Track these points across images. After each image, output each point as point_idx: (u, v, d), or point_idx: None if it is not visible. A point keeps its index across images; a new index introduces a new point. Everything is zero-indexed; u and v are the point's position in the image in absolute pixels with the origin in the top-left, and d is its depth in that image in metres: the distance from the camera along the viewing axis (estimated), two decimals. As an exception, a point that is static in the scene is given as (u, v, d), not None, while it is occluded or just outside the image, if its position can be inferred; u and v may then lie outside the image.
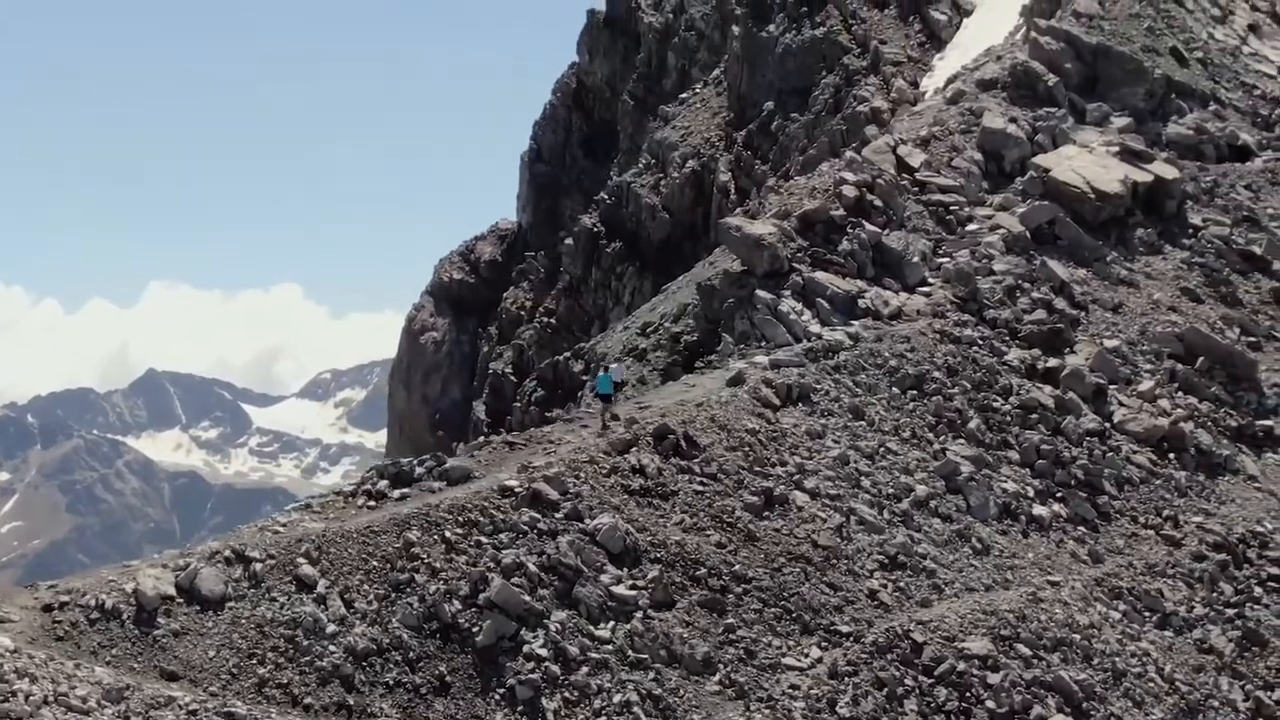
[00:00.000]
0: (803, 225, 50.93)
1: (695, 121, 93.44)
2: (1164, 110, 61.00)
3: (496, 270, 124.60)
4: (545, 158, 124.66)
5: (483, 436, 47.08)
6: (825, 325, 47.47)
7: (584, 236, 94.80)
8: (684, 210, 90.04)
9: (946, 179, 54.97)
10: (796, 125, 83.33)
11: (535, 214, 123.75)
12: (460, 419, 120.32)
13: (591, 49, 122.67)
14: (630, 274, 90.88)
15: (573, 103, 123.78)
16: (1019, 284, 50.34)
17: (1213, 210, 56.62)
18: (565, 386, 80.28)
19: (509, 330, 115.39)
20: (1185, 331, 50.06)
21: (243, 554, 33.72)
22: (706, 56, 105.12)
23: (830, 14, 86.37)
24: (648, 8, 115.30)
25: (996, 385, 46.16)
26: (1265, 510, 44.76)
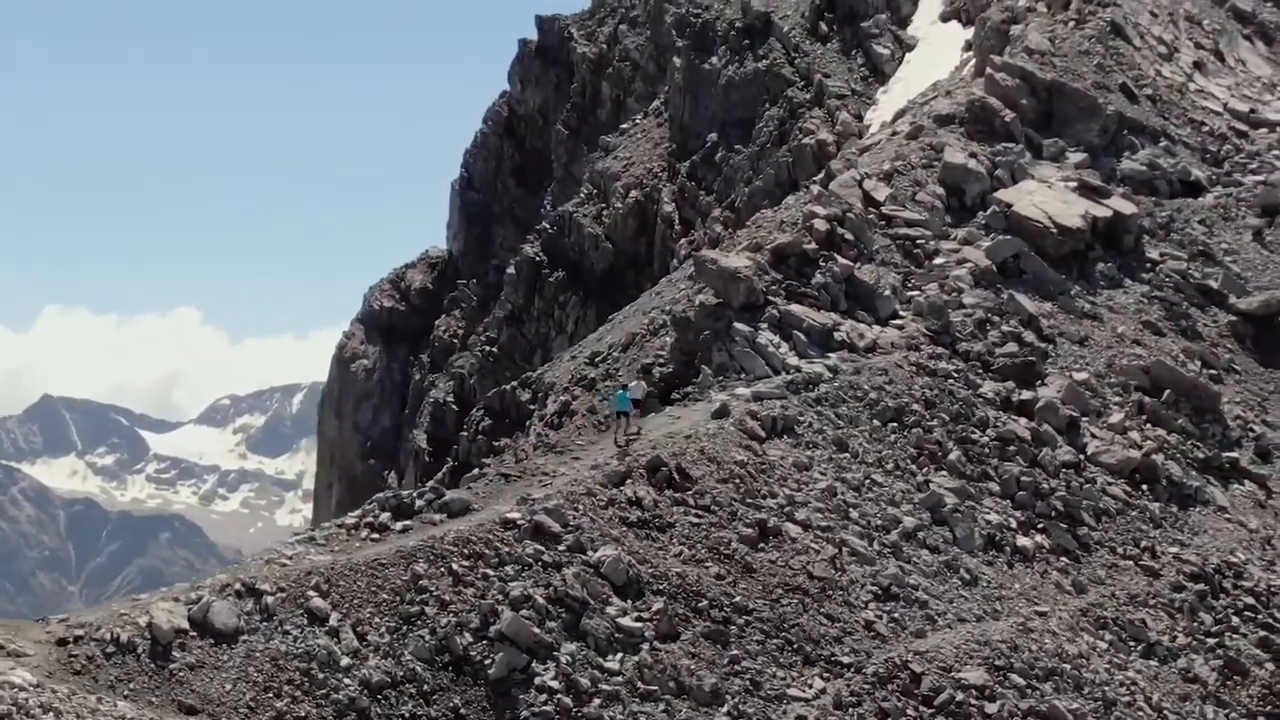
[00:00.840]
0: (776, 258, 51.41)
1: (637, 152, 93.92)
2: (1117, 146, 62.03)
3: (427, 298, 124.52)
4: (476, 186, 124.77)
5: (472, 467, 46.96)
6: (803, 358, 47.95)
7: (526, 266, 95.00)
8: (627, 240, 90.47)
9: (912, 213, 55.68)
10: (741, 156, 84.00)
11: (466, 242, 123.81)
12: (392, 447, 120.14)
13: (523, 78, 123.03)
14: (573, 303, 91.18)
15: (504, 131, 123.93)
16: (989, 317, 51.07)
17: (1169, 245, 57.68)
18: (512, 416, 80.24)
19: (442, 358, 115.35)
20: (1151, 365, 50.98)
21: (253, 587, 33.74)
22: (642, 87, 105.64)
23: (772, 47, 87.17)
24: (580, 38, 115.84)
25: (973, 418, 46.80)
26: (1237, 541, 45.67)
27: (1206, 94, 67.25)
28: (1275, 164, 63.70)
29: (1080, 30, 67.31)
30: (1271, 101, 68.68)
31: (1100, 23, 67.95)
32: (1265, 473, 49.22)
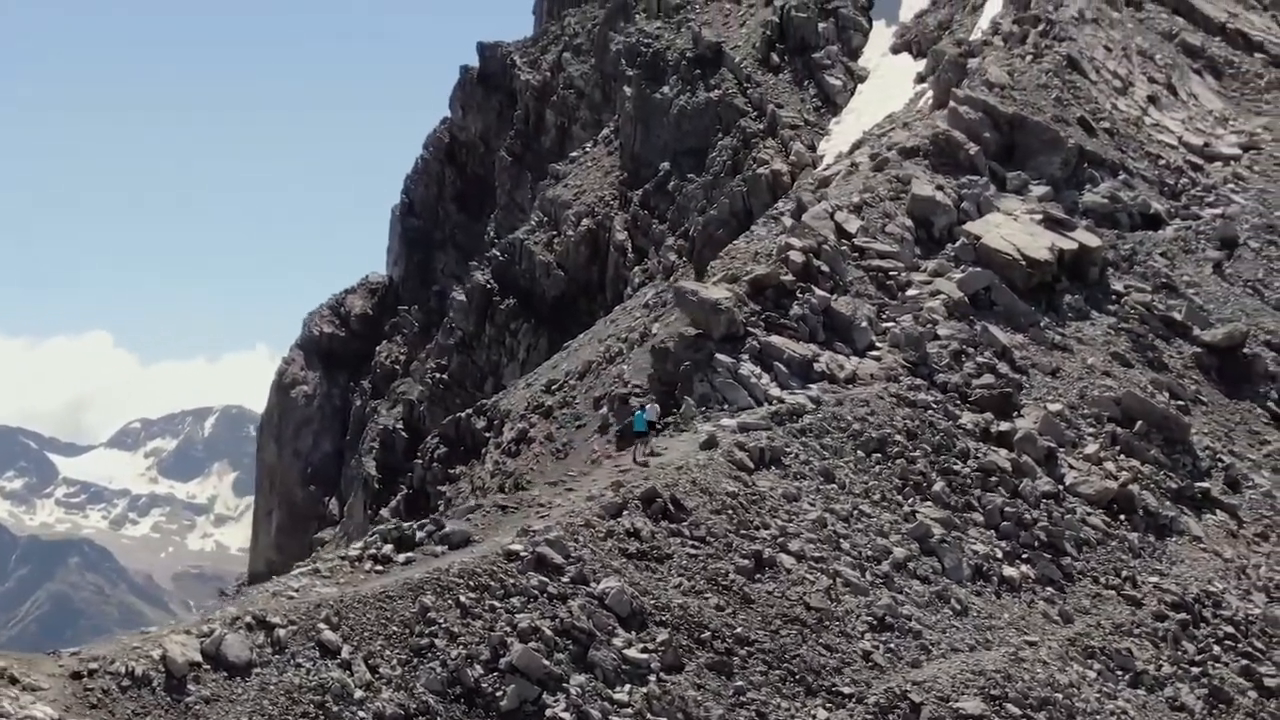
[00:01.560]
0: (754, 290, 51.80)
1: (587, 180, 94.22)
2: (1078, 179, 62.89)
3: (367, 324, 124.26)
4: (417, 211, 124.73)
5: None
6: (784, 389, 48.36)
7: (476, 293, 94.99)
8: (579, 267, 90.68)
9: (883, 245, 56.27)
10: (694, 186, 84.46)
11: (407, 267, 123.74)
12: (333, 473, 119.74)
13: (465, 104, 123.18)
14: (525, 330, 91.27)
15: (445, 157, 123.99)
16: (964, 349, 51.68)
17: (1133, 277, 58.54)
18: (468, 443, 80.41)
19: (384, 384, 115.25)
20: (1122, 396, 51.75)
21: (264, 620, 33.72)
22: (588, 115, 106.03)
23: (724, 77, 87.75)
24: (524, 65, 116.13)
25: (954, 448, 47.34)
26: (1214, 570, 46.44)
27: (1161, 128, 68.34)
28: (1231, 197, 64.82)
29: (1038, 64, 68.18)
30: (1224, 135, 69.84)
31: (1057, 57, 68.86)
32: (1235, 503, 50.06)
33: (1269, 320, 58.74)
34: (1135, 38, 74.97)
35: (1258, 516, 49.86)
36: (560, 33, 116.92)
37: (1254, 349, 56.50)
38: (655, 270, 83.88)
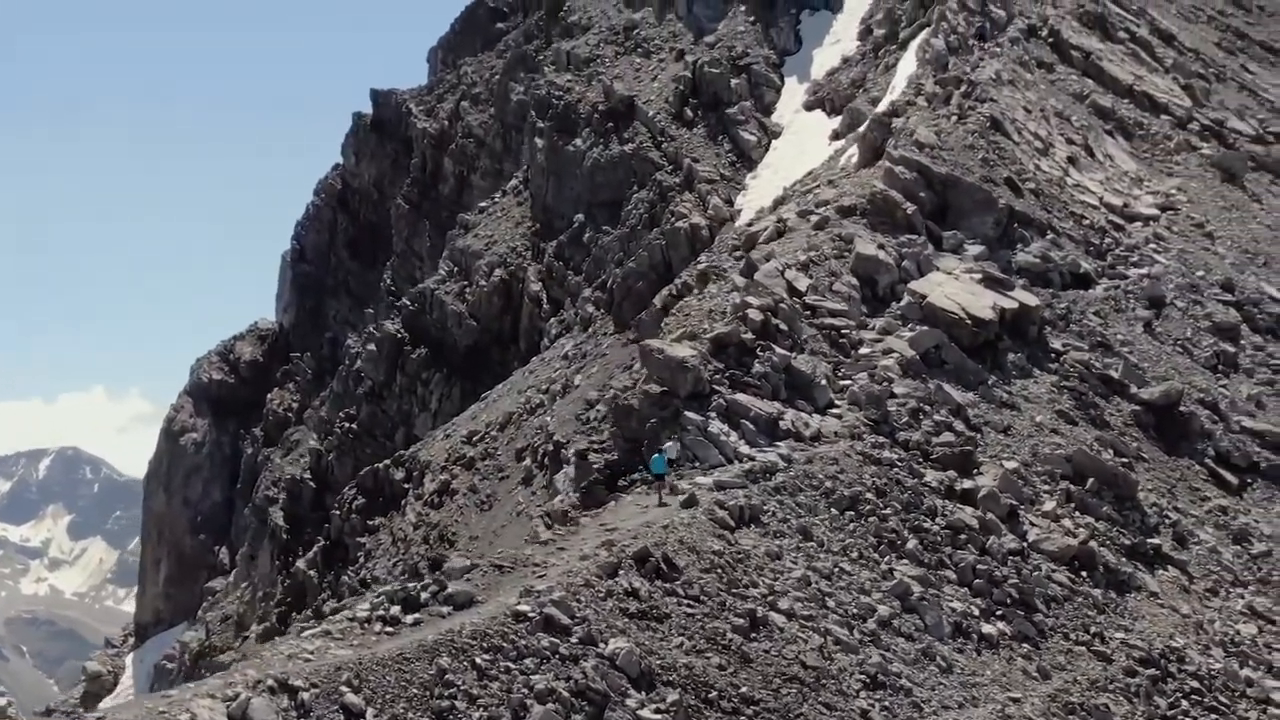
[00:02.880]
0: (715, 348, 52.38)
1: (498, 230, 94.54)
2: (1009, 238, 64.16)
3: (257, 370, 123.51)
4: (309, 258, 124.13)
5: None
6: (753, 446, 48.91)
7: (387, 342, 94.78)
8: (492, 318, 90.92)
9: (833, 303, 57.10)
10: (611, 238, 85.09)
11: (298, 314, 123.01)
12: (223, 521, 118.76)
13: (358, 151, 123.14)
14: (437, 380, 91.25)
15: (338, 204, 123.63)
16: (921, 407, 52.58)
17: (1069, 336, 59.88)
18: (386, 494, 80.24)
19: (276, 432, 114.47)
20: (1073, 454, 52.92)
21: (287, 683, 33.55)
22: (488, 164, 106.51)
23: (638, 130, 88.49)
24: (420, 113, 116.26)
25: (922, 506, 48.17)
26: (1173, 626, 47.59)
27: (1083, 188, 70.00)
28: (1154, 257, 66.55)
29: (963, 125, 69.48)
30: (1141, 196, 71.70)
31: (980, 118, 70.22)
32: (1185, 558, 51.30)
33: (1200, 379, 60.40)
34: (1049, 99, 76.71)
35: (1206, 572, 51.12)
36: (457, 81, 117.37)
37: (1189, 407, 57.95)
38: (572, 322, 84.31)
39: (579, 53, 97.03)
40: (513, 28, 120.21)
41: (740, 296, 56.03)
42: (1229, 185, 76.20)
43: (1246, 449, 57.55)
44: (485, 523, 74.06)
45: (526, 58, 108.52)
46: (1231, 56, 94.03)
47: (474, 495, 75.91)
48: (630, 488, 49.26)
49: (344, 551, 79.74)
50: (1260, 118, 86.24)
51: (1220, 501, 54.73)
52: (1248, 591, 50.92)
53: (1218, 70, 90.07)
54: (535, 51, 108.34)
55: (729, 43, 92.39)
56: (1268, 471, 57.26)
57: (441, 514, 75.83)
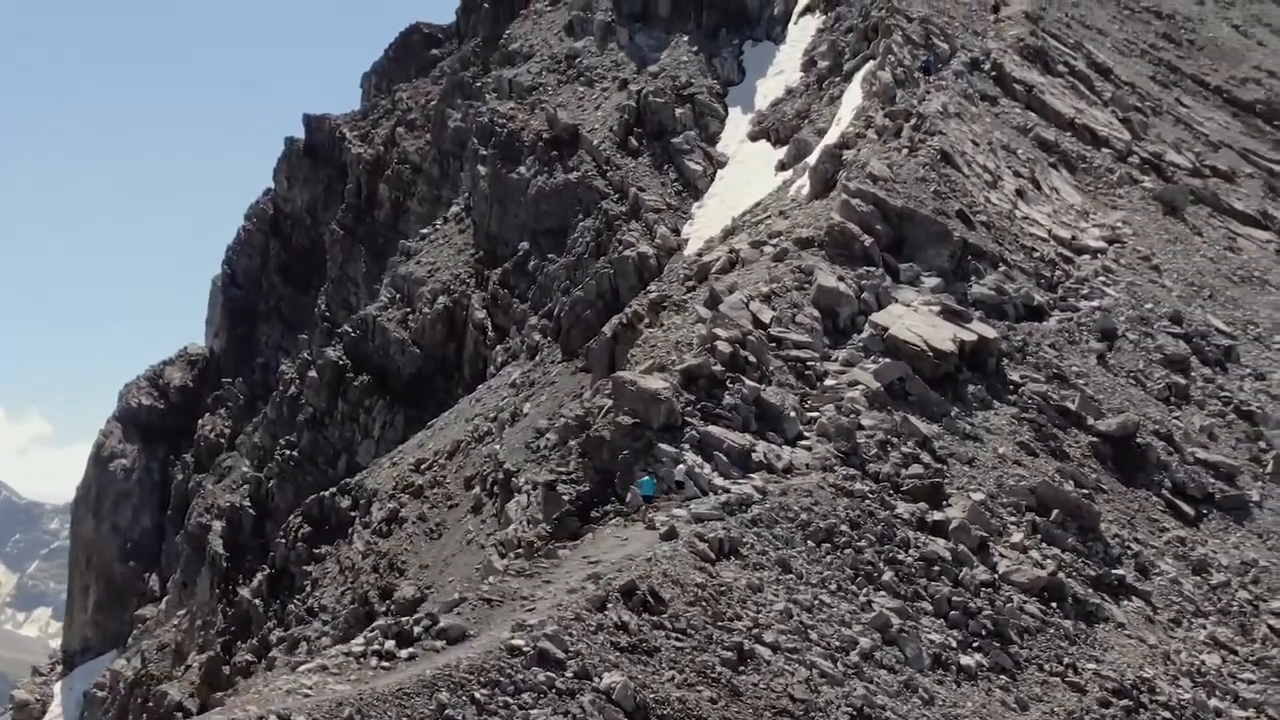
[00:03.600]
0: (686, 380, 52.63)
1: (440, 257, 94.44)
2: (963, 271, 64.84)
3: (187, 396, 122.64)
4: (240, 283, 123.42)
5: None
6: (726, 478, 49.16)
7: (329, 369, 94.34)
8: (435, 345, 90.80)
9: (797, 335, 57.52)
10: (556, 266, 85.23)
11: (229, 339, 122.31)
12: (153, 547, 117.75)
13: (290, 176, 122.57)
14: (379, 407, 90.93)
15: (269, 229, 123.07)
16: (888, 439, 53.03)
17: (1026, 368, 60.59)
18: (332, 522, 79.91)
19: (208, 458, 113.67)
20: (1037, 485, 53.56)
21: (288, 718, 33.44)
22: (425, 190, 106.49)
23: (583, 159, 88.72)
24: (355, 139, 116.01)
25: (896, 538, 48.57)
26: (1142, 657, 48.25)
27: (1031, 221, 70.87)
28: (1104, 290, 67.49)
29: (914, 158, 70.19)
30: (1088, 229, 72.68)
31: (931, 151, 70.97)
32: (1148, 589, 52.02)
33: (1154, 410, 61.31)
34: (995, 132, 77.63)
35: (1169, 603, 51.85)
36: (392, 107, 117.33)
37: (1145, 438, 58.80)
38: (519, 349, 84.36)
39: (521, 81, 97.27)
40: (448, 54, 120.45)
41: (707, 328, 56.25)
42: (1171, 218, 77.42)
43: (1201, 480, 58.47)
44: (435, 551, 73.93)
45: (464, 84, 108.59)
46: (1166, 90, 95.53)
47: (423, 524, 75.75)
48: (603, 519, 49.33)
49: (289, 580, 79.23)
50: (1196, 151, 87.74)
51: (1178, 532, 55.54)
52: (1209, 622, 51.69)
53: (1154, 104, 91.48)
54: (473, 78, 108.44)
55: (673, 72, 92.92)
56: (1222, 503, 58.19)
57: (390, 542, 75.59)
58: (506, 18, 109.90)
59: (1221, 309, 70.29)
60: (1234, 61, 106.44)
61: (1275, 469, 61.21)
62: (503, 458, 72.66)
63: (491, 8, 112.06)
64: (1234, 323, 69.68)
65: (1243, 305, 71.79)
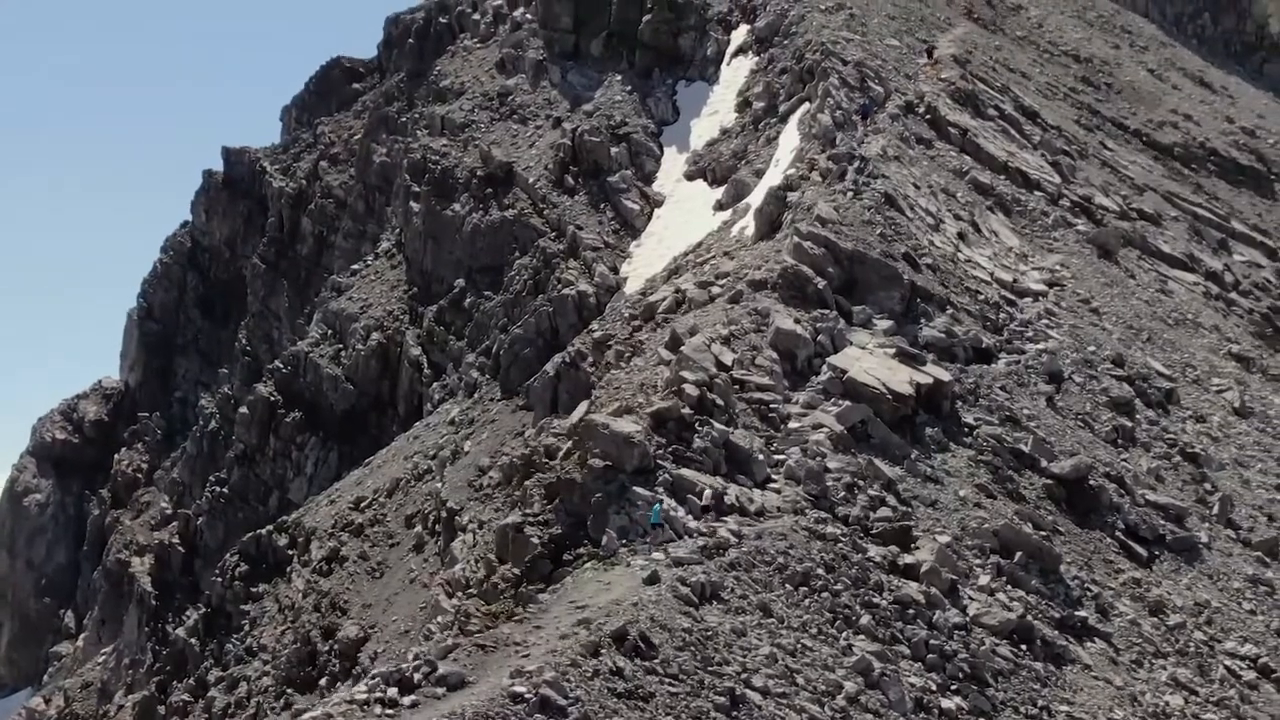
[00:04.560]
0: (655, 422, 52.82)
1: (372, 293, 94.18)
2: (913, 313, 65.48)
3: (102, 430, 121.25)
4: (157, 316, 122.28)
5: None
6: (699, 521, 49.39)
7: (260, 405, 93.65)
8: (369, 382, 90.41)
9: (759, 377, 57.89)
10: (494, 303, 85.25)
11: (145, 373, 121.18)
12: (69, 584, 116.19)
13: (209, 209, 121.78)
14: (312, 444, 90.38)
15: (187, 262, 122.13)
16: (855, 482, 53.46)
17: (980, 410, 61.29)
18: (270, 561, 79.40)
19: (125, 493, 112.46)
20: (1000, 528, 54.20)
21: (308, 770, 33.35)
22: (350, 225, 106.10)
23: (518, 196, 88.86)
24: (276, 172, 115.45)
25: (870, 581, 48.95)
26: (1110, 699, 48.95)
27: (974, 264, 71.76)
28: (1048, 333, 68.45)
29: (859, 200, 70.76)
30: (1028, 272, 73.71)
31: (875, 194, 71.59)
32: (1109, 631, 52.80)
33: (1103, 453, 62.28)
34: (932, 175, 78.53)
35: (1130, 644, 52.65)
36: (314, 141, 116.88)
37: (1097, 480, 59.70)
38: (456, 387, 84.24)
39: (453, 118, 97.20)
40: (369, 88, 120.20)
41: (672, 371, 56.45)
42: (1105, 261, 78.71)
43: (1152, 522, 59.46)
44: (378, 590, 73.69)
45: (389, 119, 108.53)
46: (1090, 133, 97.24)
47: (364, 562, 75.45)
48: (575, 562, 49.37)
49: (226, 619, 78.56)
50: (1123, 194, 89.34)
51: (1133, 574, 56.41)
52: (1169, 663, 52.54)
53: (1080, 147, 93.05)
54: (397, 113, 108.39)
55: (607, 111, 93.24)
56: (1173, 544, 59.20)
57: (332, 581, 75.23)
58: (432, 53, 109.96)
59: (1160, 351, 71.56)
60: (1151, 105, 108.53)
61: (1221, 511, 62.40)
62: (445, 496, 72.60)
63: (416, 43, 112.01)
64: (1173, 365, 70.98)
65: (1180, 348, 73.17)
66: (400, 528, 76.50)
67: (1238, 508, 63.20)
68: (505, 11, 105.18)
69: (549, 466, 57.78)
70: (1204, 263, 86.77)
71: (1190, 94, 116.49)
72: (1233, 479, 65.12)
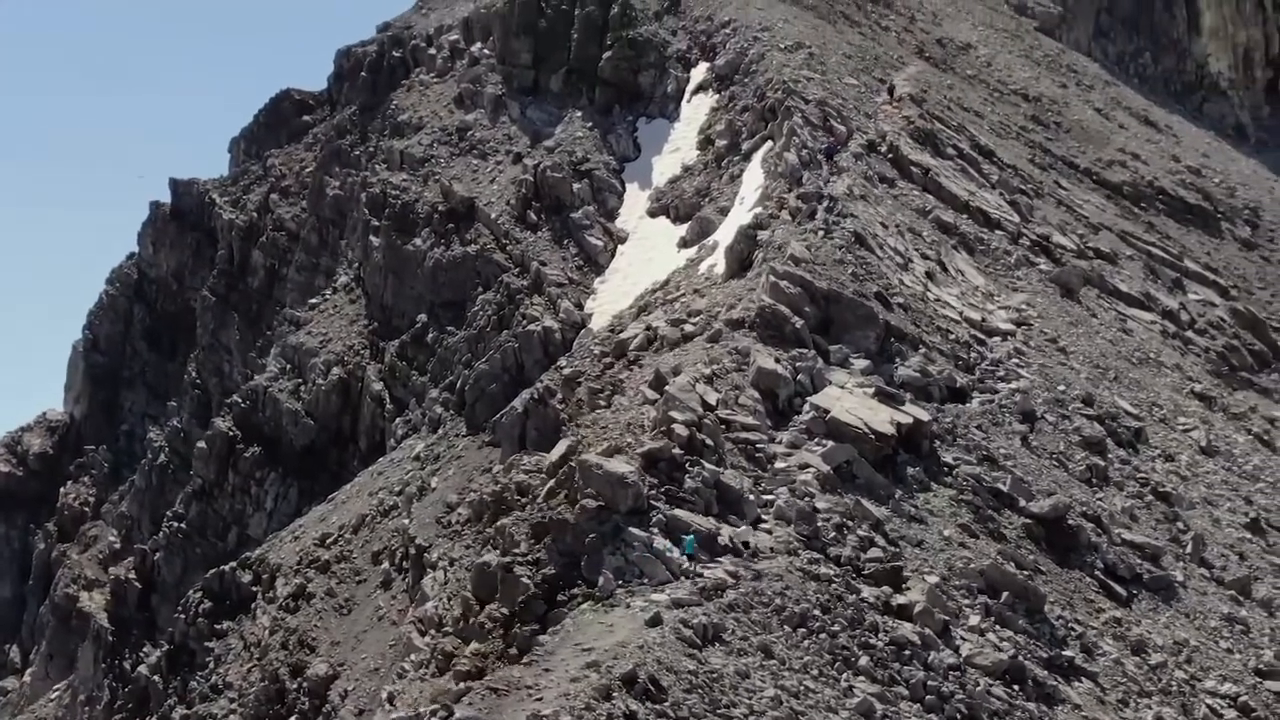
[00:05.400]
0: (647, 463, 52.96)
1: (332, 328, 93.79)
2: (888, 353, 65.92)
3: (47, 463, 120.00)
4: (103, 349, 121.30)
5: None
6: (696, 562, 49.51)
7: (218, 440, 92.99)
8: (330, 417, 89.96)
9: (744, 417, 58.12)
10: (457, 339, 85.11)
11: (91, 405, 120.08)
12: (14, 619, 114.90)
13: (156, 241, 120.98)
14: (272, 479, 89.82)
15: (134, 294, 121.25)
16: (844, 522, 53.74)
17: (958, 450, 61.75)
18: (234, 597, 78.86)
19: (72, 526, 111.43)
20: (986, 568, 54.62)
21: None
22: (304, 258, 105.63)
23: (481, 232, 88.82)
24: (225, 204, 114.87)
25: (866, 622, 49.21)
26: (1102, 738, 49.54)
27: (943, 303, 72.30)
28: (1019, 372, 69.04)
29: (830, 240, 71.17)
30: (995, 311, 74.34)
31: (845, 233, 72.04)
32: (1095, 670, 53.30)
33: (1079, 492, 62.87)
34: (898, 214, 79.11)
35: (1115, 684, 53.12)
36: (264, 173, 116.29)
37: (1075, 520, 60.26)
38: (420, 422, 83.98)
39: (413, 152, 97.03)
40: (320, 120, 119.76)
41: (660, 411, 56.57)
42: (1068, 300, 79.53)
43: (1129, 561, 60.06)
44: (346, 627, 73.27)
45: (341, 153, 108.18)
46: (1044, 172, 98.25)
47: (332, 599, 75.03)
48: (570, 602, 49.42)
49: (190, 656, 77.86)
50: (1080, 233, 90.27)
51: (1114, 613, 56.92)
52: (1154, 702, 53.05)
53: (1035, 186, 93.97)
54: (350, 146, 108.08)
55: (568, 147, 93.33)
56: (1150, 583, 59.82)
57: (299, 618, 74.73)
58: (385, 87, 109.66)
59: (1127, 391, 72.35)
60: (1099, 144, 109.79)
61: (1195, 550, 63.10)
62: (413, 532, 72.33)
63: (369, 77, 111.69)
64: (1140, 404, 71.77)
65: (1145, 387, 74.02)
66: (367, 564, 76.08)
67: (1209, 546, 63.88)
68: (462, 46, 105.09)
69: (533, 505, 57.92)
70: (1160, 301, 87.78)
71: (1136, 133, 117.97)
72: (1204, 518, 65.89)
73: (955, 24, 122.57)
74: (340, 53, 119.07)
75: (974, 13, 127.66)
